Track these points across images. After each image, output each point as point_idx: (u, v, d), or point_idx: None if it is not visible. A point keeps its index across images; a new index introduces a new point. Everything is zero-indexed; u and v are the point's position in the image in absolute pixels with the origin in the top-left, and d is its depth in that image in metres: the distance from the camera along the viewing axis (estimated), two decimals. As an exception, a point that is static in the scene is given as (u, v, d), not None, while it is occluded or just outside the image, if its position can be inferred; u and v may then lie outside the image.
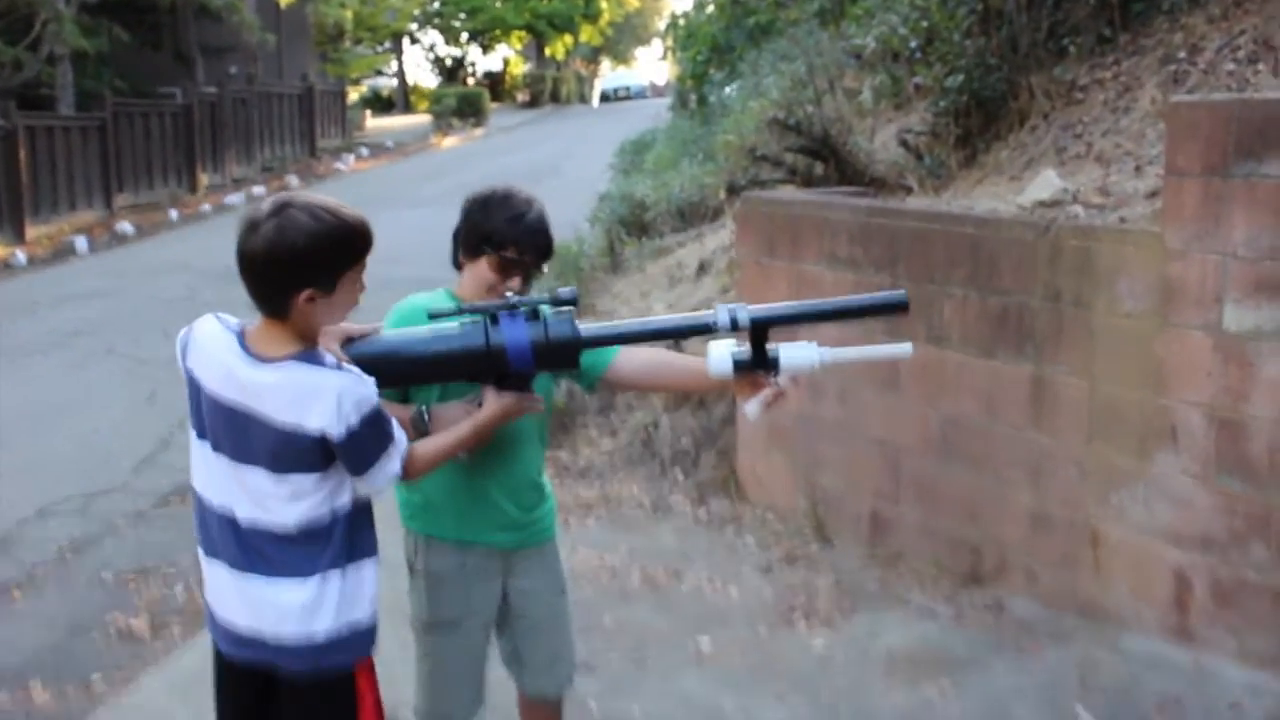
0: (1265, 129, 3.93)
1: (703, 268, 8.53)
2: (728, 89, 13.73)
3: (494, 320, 2.68)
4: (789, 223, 5.94)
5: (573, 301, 2.70)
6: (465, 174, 22.96)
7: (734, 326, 2.66)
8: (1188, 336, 4.19)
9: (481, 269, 2.99)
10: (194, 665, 4.80)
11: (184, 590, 5.81)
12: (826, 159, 7.40)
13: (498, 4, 46.81)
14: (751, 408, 2.76)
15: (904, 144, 7.27)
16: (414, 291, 3.12)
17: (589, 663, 4.62)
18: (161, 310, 12.47)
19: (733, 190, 8.19)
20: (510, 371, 2.72)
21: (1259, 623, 4.07)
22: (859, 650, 4.67)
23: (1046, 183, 5.19)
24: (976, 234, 4.95)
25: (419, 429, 2.83)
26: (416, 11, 43.41)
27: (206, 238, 17.98)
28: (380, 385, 2.54)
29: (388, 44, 42.96)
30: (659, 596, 5.31)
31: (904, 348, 2.82)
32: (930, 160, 6.93)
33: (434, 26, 49.28)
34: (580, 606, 5.02)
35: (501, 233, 2.96)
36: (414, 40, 49.47)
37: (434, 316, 2.70)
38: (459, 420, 2.80)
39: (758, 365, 2.70)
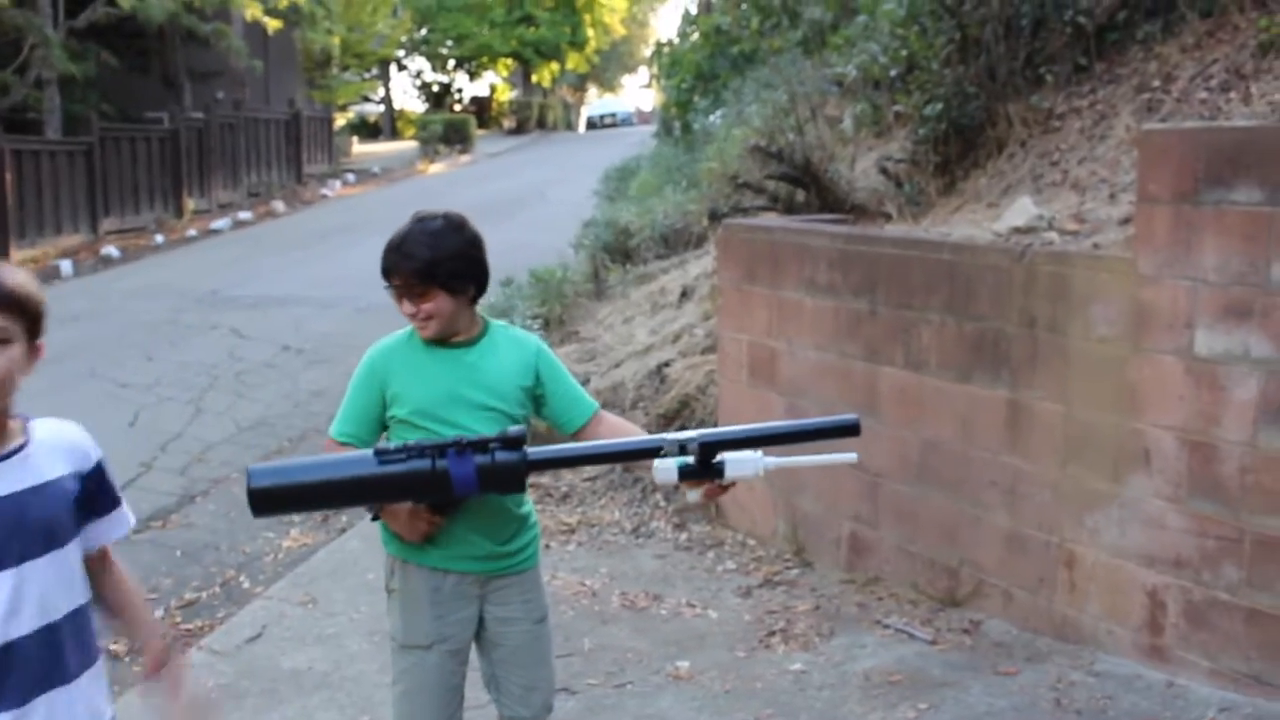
0: (1234, 157, 4.00)
1: (685, 294, 8.59)
2: (711, 116, 13.82)
3: (441, 455, 2.74)
4: (769, 249, 5.99)
5: (521, 439, 2.75)
6: (450, 200, 22.91)
7: (682, 451, 2.69)
8: (1160, 361, 4.25)
9: None
10: (173, 687, 4.80)
11: (163, 614, 5.82)
12: (808, 186, 7.45)
13: (485, 31, 46.95)
14: (693, 494, 2.81)
15: (884, 171, 7.33)
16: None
17: (569, 686, 4.64)
18: (145, 334, 12.48)
19: (715, 217, 8.24)
20: (455, 496, 2.82)
21: (1231, 642, 4.11)
22: (836, 672, 4.69)
23: (1022, 209, 5.25)
24: (953, 260, 5.00)
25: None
26: (404, 38, 43.53)
27: (191, 262, 18.00)
28: (322, 507, 2.72)
29: (375, 70, 43.06)
30: (639, 620, 5.33)
31: (849, 456, 2.84)
32: (910, 188, 7.00)
33: (421, 53, 49.43)
34: (560, 630, 5.06)
35: (382, 264, 3.06)
36: (401, 67, 49.64)
37: (380, 454, 2.74)
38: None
39: (702, 475, 2.72)
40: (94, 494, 2.45)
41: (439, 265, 3.00)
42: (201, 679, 4.91)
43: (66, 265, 17.58)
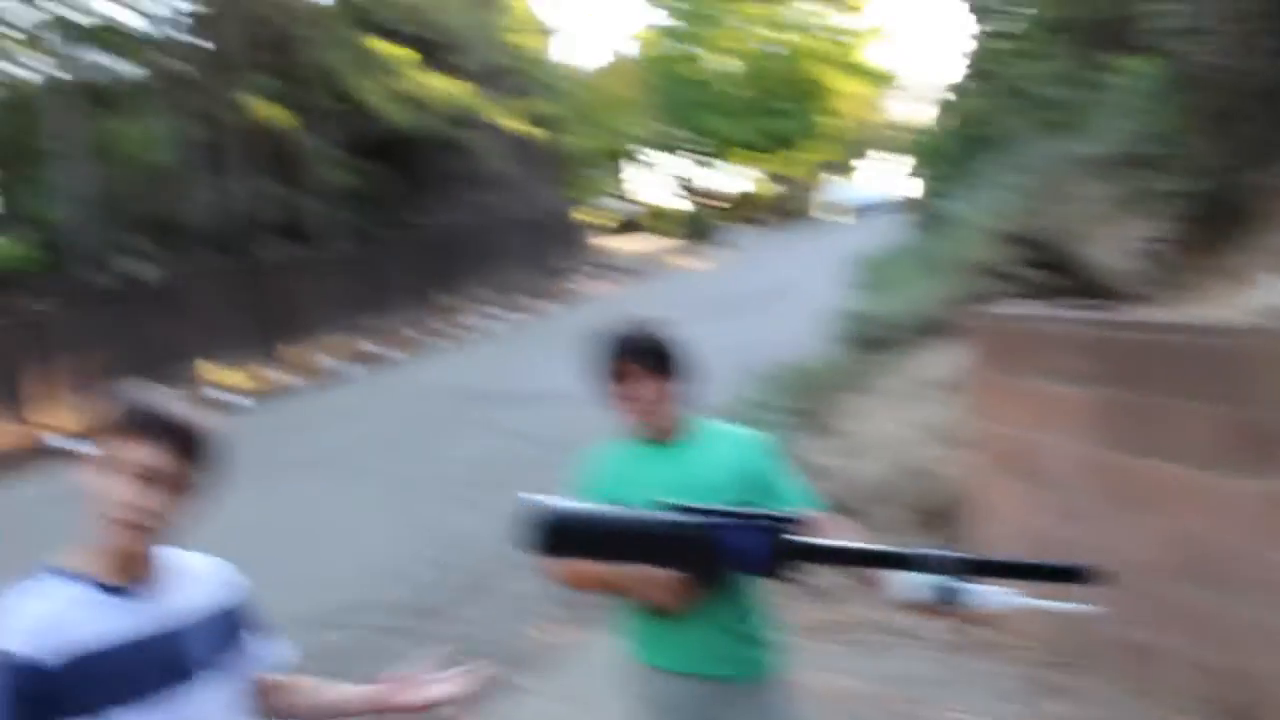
0: None
1: (939, 385, 8.44)
2: (960, 202, 13.63)
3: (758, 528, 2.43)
4: (1022, 338, 5.85)
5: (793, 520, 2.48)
6: (703, 294, 23.29)
7: (952, 570, 2.36)
8: None
9: None
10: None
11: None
12: (1060, 271, 7.28)
13: (733, 126, 47.51)
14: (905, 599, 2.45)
15: (1139, 252, 7.09)
16: None
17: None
18: (422, 428, 13.00)
19: (966, 306, 8.12)
20: (734, 570, 2.51)
21: None
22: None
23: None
24: (1213, 344, 4.78)
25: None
26: (654, 136, 44.48)
27: (451, 359, 18.72)
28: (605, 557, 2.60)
29: (624, 167, 44.15)
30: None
31: (1085, 607, 2.47)
32: (1168, 268, 6.75)
33: (672, 150, 50.44)
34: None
35: (614, 352, 3.16)
36: (651, 164, 50.79)
37: (686, 512, 2.44)
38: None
39: (952, 600, 2.37)
40: (243, 624, 2.48)
41: (672, 357, 3.11)
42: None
43: (331, 364, 18.53)
